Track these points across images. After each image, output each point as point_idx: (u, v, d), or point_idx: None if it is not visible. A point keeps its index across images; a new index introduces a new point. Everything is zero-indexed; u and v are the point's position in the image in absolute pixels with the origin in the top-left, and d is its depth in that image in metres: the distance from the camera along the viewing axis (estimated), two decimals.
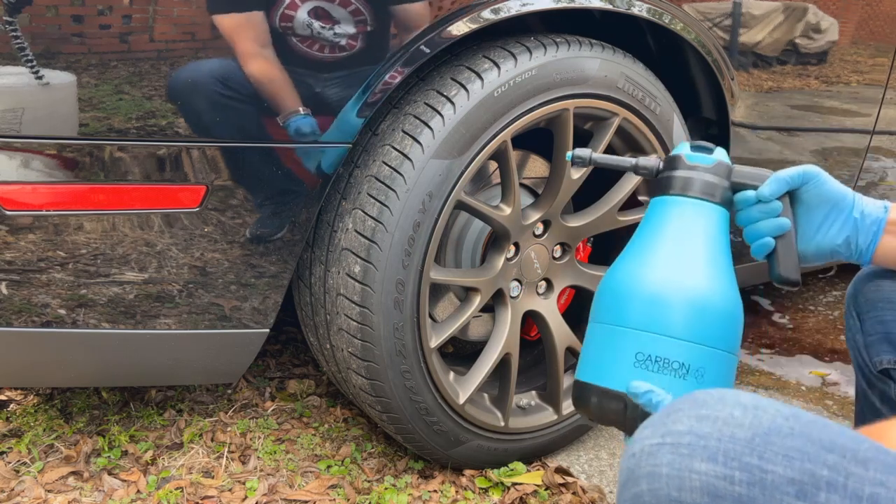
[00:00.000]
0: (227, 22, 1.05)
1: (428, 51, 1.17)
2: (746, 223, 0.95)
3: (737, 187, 0.93)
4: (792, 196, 0.94)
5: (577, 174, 1.40)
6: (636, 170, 0.96)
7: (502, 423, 1.46)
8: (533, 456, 1.54)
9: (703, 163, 0.91)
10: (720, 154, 0.92)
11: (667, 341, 0.83)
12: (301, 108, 1.11)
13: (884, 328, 1.01)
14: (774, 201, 0.92)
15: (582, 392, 0.88)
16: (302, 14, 1.08)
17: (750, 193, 0.92)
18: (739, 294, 0.89)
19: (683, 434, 0.61)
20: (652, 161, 0.95)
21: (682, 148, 0.93)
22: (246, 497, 1.37)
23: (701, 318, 0.84)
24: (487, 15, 1.20)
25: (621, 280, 0.89)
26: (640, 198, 1.52)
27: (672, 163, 0.93)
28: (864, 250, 0.93)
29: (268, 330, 1.27)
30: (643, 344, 0.83)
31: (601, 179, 1.47)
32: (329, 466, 1.48)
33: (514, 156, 1.32)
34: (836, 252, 0.94)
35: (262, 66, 1.08)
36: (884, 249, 0.93)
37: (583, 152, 0.97)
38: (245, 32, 1.06)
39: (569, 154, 0.98)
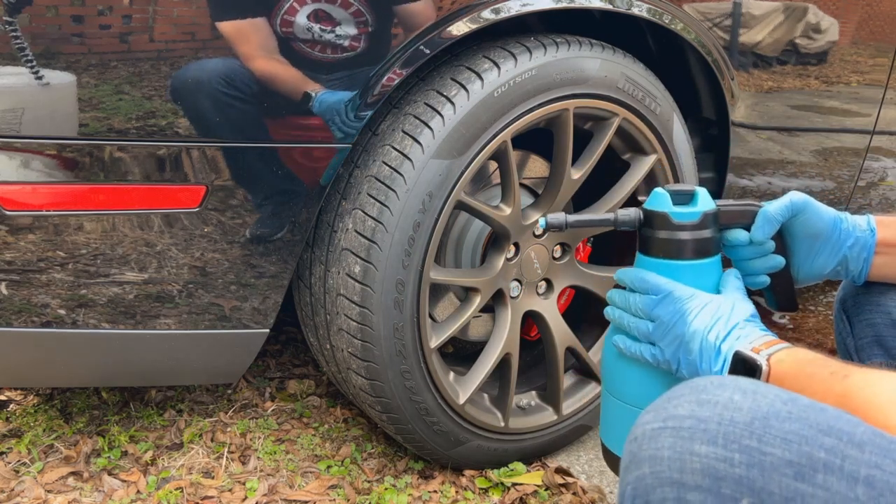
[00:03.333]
0: (228, 23, 1.05)
1: (428, 51, 1.17)
2: (739, 259, 0.95)
3: (725, 227, 0.91)
4: (782, 227, 0.93)
5: (577, 174, 1.40)
6: (616, 224, 0.90)
7: (502, 424, 1.45)
8: (533, 456, 1.54)
9: (690, 219, 0.86)
10: (702, 199, 0.87)
11: None
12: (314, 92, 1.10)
13: (874, 332, 1.01)
14: (768, 241, 0.92)
15: (610, 460, 0.95)
16: (302, 15, 1.08)
17: (741, 234, 0.91)
18: None
19: (684, 418, 0.62)
20: (631, 213, 0.89)
21: (664, 202, 0.87)
22: (246, 497, 1.37)
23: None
24: (487, 15, 1.20)
25: (615, 358, 0.92)
26: (640, 198, 1.52)
27: (657, 221, 0.87)
28: (856, 276, 0.95)
29: (268, 330, 1.27)
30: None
31: (601, 179, 1.48)
32: (329, 467, 1.48)
33: (514, 156, 1.32)
34: (829, 276, 0.95)
35: (262, 66, 1.08)
36: (876, 269, 0.94)
37: (557, 219, 0.91)
38: (246, 33, 1.06)
39: (542, 221, 0.92)
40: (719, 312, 0.83)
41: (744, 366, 0.79)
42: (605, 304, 1.54)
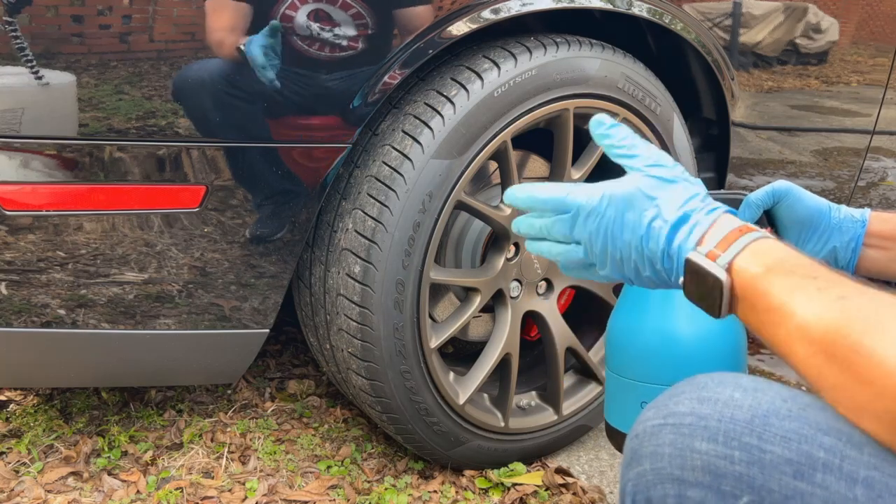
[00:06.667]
0: (226, 21, 1.05)
1: (429, 51, 1.17)
2: None
3: None
4: (771, 215, 0.94)
5: (577, 174, 1.40)
6: None
7: (502, 424, 1.45)
8: (533, 456, 1.54)
9: None
10: None
11: (662, 389, 0.87)
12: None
13: None
14: None
15: (612, 435, 0.98)
16: (302, 15, 1.08)
17: None
18: (738, 326, 0.90)
19: (685, 415, 0.62)
20: None
21: None
22: (246, 497, 1.37)
23: (690, 365, 0.87)
24: (487, 15, 1.20)
25: (619, 335, 0.94)
26: None
27: None
28: (846, 266, 0.93)
29: (268, 330, 1.27)
30: (645, 394, 0.89)
31: (601, 179, 1.47)
32: (329, 467, 1.48)
33: (514, 156, 1.32)
34: None
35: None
36: (866, 262, 0.93)
37: None
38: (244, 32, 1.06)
39: None
40: (645, 207, 0.67)
41: (697, 278, 0.64)
42: (605, 305, 1.56)
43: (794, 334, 0.57)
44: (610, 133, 0.74)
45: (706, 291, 0.63)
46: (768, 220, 0.94)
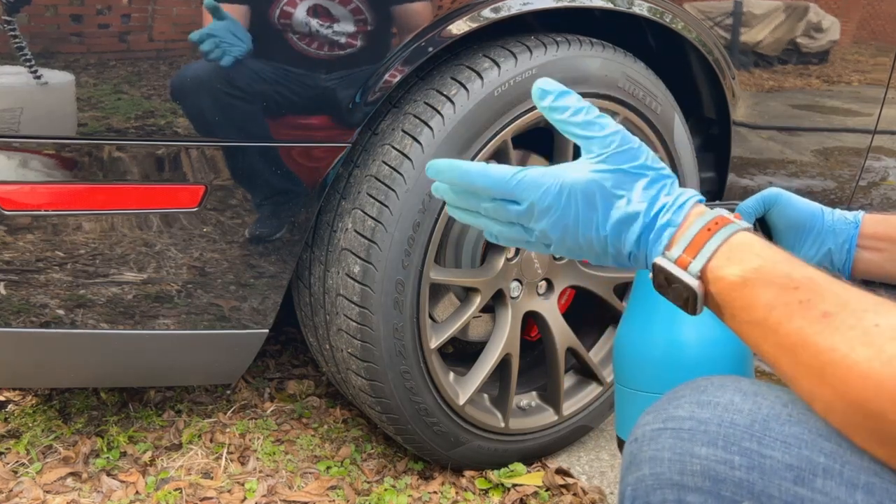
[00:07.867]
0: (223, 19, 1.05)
1: (428, 50, 1.17)
2: None
3: None
4: (764, 222, 0.95)
5: None
6: None
7: (502, 424, 1.45)
8: (533, 457, 1.54)
9: None
10: None
11: None
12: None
13: None
14: None
15: (622, 448, 0.96)
16: (301, 12, 1.08)
17: None
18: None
19: (684, 419, 0.62)
20: None
21: None
22: (245, 498, 1.37)
23: (697, 373, 0.86)
24: (488, 14, 1.20)
25: (627, 345, 0.94)
26: None
27: None
28: (841, 268, 0.94)
29: (267, 330, 1.26)
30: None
31: None
32: (328, 467, 1.48)
33: (514, 155, 1.32)
34: None
35: (261, 65, 1.07)
36: (863, 265, 0.93)
37: None
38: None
39: None
40: (608, 205, 0.63)
41: (668, 284, 0.62)
42: (606, 305, 1.56)
43: (779, 351, 0.57)
44: (559, 106, 0.66)
45: (678, 298, 0.62)
46: (761, 227, 0.95)
